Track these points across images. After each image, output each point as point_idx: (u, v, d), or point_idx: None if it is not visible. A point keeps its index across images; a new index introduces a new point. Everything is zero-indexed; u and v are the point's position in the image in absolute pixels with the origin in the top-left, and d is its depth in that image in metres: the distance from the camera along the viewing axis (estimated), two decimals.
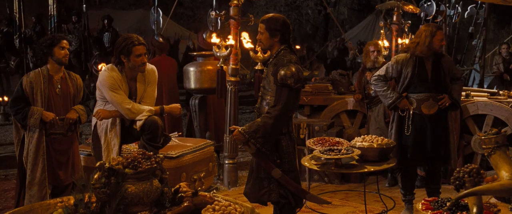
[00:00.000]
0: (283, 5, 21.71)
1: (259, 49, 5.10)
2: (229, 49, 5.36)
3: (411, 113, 4.47)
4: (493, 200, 3.14)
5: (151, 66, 4.29)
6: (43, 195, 4.17)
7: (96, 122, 4.24)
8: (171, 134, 5.16)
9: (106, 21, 11.67)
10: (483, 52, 10.11)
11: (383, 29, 6.87)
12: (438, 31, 4.45)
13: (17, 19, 9.05)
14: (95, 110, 4.20)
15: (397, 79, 4.58)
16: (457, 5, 11.29)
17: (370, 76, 5.69)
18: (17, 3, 8.83)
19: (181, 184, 2.68)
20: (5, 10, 10.16)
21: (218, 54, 5.44)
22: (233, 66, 5.49)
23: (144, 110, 4.13)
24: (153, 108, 4.20)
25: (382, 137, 4.23)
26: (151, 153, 2.55)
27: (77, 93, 4.39)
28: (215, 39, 5.42)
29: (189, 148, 5.13)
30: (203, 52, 6.44)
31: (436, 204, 2.81)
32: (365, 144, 4.07)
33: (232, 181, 5.60)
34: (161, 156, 2.65)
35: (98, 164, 2.42)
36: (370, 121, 5.78)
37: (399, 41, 6.63)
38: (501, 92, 6.10)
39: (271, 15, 3.68)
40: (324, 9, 21.00)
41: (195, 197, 2.55)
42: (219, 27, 6.25)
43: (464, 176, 2.41)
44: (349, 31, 18.68)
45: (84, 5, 10.91)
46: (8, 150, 7.39)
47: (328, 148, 4.03)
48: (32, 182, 4.18)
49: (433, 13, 8.71)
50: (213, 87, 5.76)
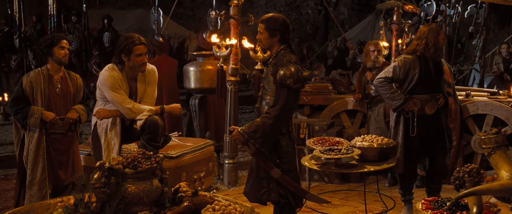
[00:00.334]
0: (283, 5, 21.71)
1: (259, 49, 5.10)
2: (229, 49, 5.35)
3: (416, 114, 4.42)
4: (493, 200, 3.14)
5: (151, 66, 4.30)
6: (43, 195, 4.17)
7: (96, 122, 4.24)
8: (171, 134, 5.16)
9: (106, 21, 11.65)
10: (483, 52, 10.10)
11: (383, 29, 6.87)
12: (441, 31, 4.48)
13: (17, 18, 9.03)
14: (95, 109, 4.21)
15: (402, 80, 4.49)
16: (457, 5, 11.27)
17: (370, 76, 5.69)
18: (17, 2, 8.81)
19: (181, 183, 2.68)
20: (6, 10, 10.14)
21: (218, 54, 5.44)
22: (233, 66, 5.50)
23: (144, 110, 4.13)
24: (153, 108, 4.21)
25: (382, 137, 4.23)
26: (151, 153, 2.55)
27: (77, 93, 4.38)
28: (214, 39, 5.42)
29: (189, 147, 5.13)
30: (203, 52, 6.44)
31: (436, 204, 2.80)
32: (365, 143, 4.07)
33: (232, 181, 5.60)
34: (161, 155, 2.65)
35: (98, 163, 2.41)
36: (370, 121, 5.78)
37: (399, 41, 6.62)
38: (501, 92, 6.10)
39: (270, 15, 3.67)
40: (324, 9, 21.00)
41: (195, 197, 2.55)
42: (219, 27, 6.24)
43: (464, 176, 2.41)
44: (349, 31, 18.67)
45: (84, 5, 10.90)
46: (8, 150, 7.39)
47: (328, 147, 4.04)
48: (32, 182, 4.18)
49: (433, 13, 8.72)
50: (213, 87, 5.75)
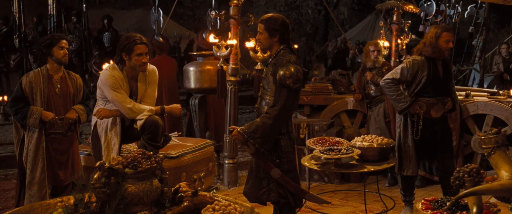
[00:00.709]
0: (283, 5, 21.74)
1: (259, 49, 5.10)
2: (229, 49, 5.35)
3: (421, 117, 4.35)
4: (493, 200, 3.14)
5: (152, 66, 4.30)
6: (43, 195, 4.16)
7: (96, 121, 4.24)
8: (171, 134, 5.16)
9: (106, 21, 11.65)
10: (483, 52, 10.11)
11: (383, 29, 6.87)
12: (444, 33, 4.31)
13: (16, 19, 9.01)
14: (96, 109, 4.20)
15: (410, 82, 4.40)
16: (457, 5, 11.27)
17: (370, 76, 5.69)
18: (16, 2, 8.79)
19: (181, 183, 2.68)
20: (6, 9, 10.13)
21: (218, 54, 5.44)
22: (233, 66, 5.49)
23: (144, 110, 4.13)
24: (153, 108, 4.21)
25: (382, 137, 4.22)
26: (151, 153, 2.55)
27: (76, 93, 4.38)
28: (213, 39, 5.41)
29: (189, 147, 5.13)
30: (203, 52, 6.44)
31: (436, 204, 2.80)
32: (365, 143, 4.07)
33: (232, 181, 5.60)
34: (161, 155, 2.65)
35: (98, 163, 2.41)
36: (370, 121, 5.78)
37: (399, 41, 6.63)
38: (501, 92, 6.10)
39: (270, 15, 3.67)
40: (324, 9, 21.01)
41: (195, 197, 2.55)
42: (218, 27, 6.24)
43: (464, 176, 2.41)
44: (349, 31, 18.70)
45: (84, 5, 10.90)
46: (8, 150, 7.39)
47: (328, 147, 4.04)
48: (31, 182, 4.17)
49: (433, 13, 8.71)
50: (213, 87, 5.75)
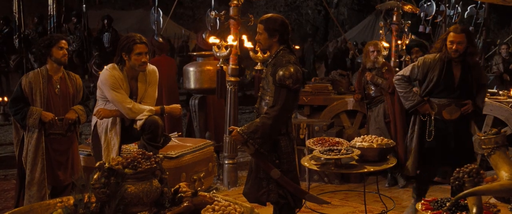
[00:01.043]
0: (283, 5, 21.74)
1: (258, 49, 5.10)
2: (229, 49, 5.35)
3: (433, 118, 4.29)
4: (493, 200, 3.13)
5: (152, 67, 4.30)
6: (43, 195, 4.16)
7: (96, 122, 4.23)
8: (171, 134, 5.16)
9: (106, 21, 11.64)
10: (483, 52, 10.10)
11: (383, 29, 6.87)
12: (450, 33, 4.19)
13: (16, 19, 9.01)
14: (96, 109, 4.20)
15: (421, 81, 4.35)
16: (457, 5, 11.27)
17: (370, 76, 5.69)
18: (16, 2, 8.79)
19: (181, 184, 2.68)
20: (6, 10, 10.14)
21: (218, 54, 5.44)
22: (233, 66, 5.49)
23: (144, 110, 4.13)
24: (153, 108, 4.21)
25: (381, 137, 4.22)
26: (151, 153, 2.55)
27: (76, 93, 4.38)
28: (213, 40, 5.41)
29: (189, 148, 5.12)
30: (203, 52, 6.44)
31: (435, 204, 2.80)
32: (365, 144, 4.07)
33: (231, 181, 5.60)
34: (161, 156, 2.65)
35: (97, 164, 2.41)
36: (370, 121, 5.78)
37: (399, 41, 6.63)
38: (501, 92, 6.10)
39: (269, 15, 3.67)
40: (324, 9, 21.01)
41: (194, 197, 2.55)
42: (218, 27, 6.25)
43: (464, 176, 2.41)
44: (349, 31, 18.71)
45: (84, 5, 10.90)
46: (8, 150, 7.39)
47: (328, 148, 4.03)
48: (31, 182, 4.17)
49: (433, 14, 8.71)
50: (213, 87, 5.75)
